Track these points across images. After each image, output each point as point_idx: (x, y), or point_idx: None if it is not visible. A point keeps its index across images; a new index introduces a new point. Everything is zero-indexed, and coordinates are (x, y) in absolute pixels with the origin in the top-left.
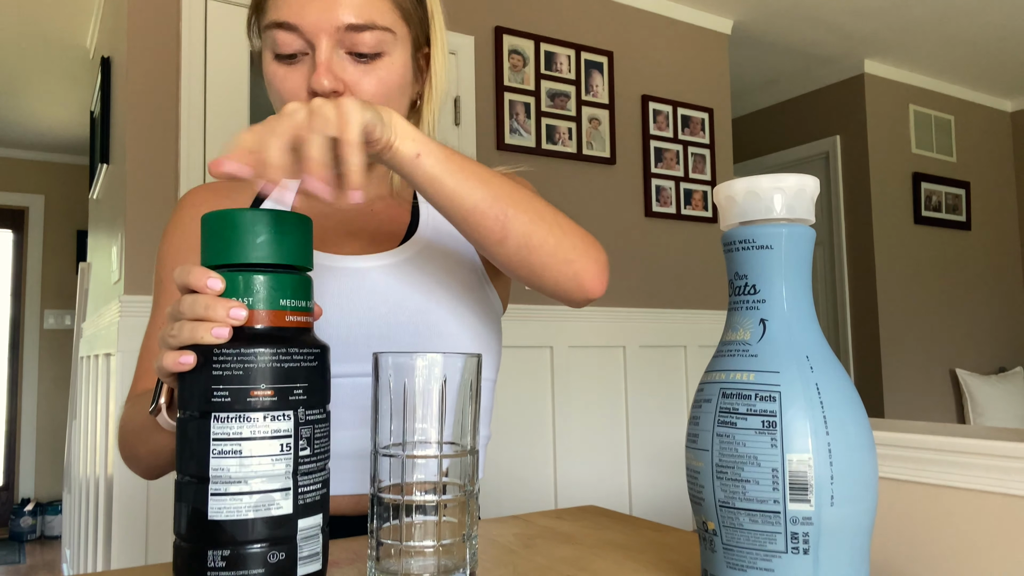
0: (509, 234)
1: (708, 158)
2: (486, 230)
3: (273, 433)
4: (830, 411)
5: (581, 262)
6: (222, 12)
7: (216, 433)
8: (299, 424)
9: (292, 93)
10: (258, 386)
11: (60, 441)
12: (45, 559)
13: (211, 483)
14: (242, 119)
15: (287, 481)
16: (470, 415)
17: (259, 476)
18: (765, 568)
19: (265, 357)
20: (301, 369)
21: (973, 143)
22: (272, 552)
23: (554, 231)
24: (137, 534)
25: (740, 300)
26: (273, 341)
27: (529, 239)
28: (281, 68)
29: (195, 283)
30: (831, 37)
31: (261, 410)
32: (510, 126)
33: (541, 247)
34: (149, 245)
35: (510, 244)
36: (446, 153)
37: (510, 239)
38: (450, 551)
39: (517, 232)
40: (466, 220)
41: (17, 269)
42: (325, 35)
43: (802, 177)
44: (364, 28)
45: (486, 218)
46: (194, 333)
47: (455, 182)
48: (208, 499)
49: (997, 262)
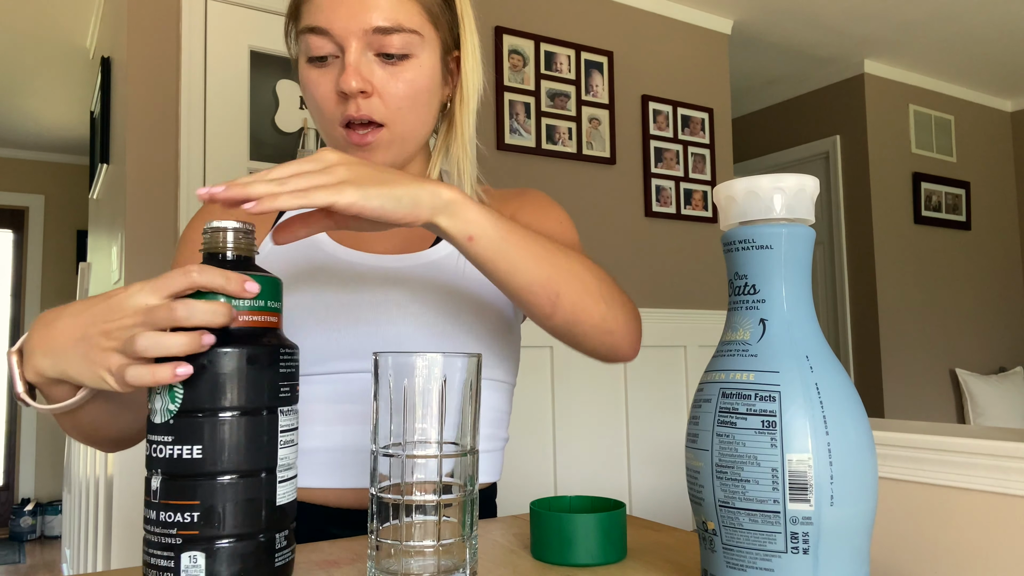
0: (558, 310)
1: (708, 158)
2: (537, 307)
3: (297, 422)
4: (830, 411)
5: (620, 332)
6: (222, 12)
7: (283, 426)
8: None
9: (323, 97)
10: (296, 381)
11: (60, 441)
12: (45, 559)
13: (278, 472)
14: (242, 119)
15: (298, 463)
16: (470, 415)
17: (295, 462)
18: (765, 568)
19: (296, 354)
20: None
21: (973, 143)
22: (294, 525)
23: (599, 305)
24: (137, 534)
25: (740, 300)
26: (283, 339)
27: (577, 315)
28: (314, 72)
29: (232, 288)
30: (831, 37)
31: (296, 402)
32: (510, 126)
33: (587, 321)
34: (149, 245)
35: (558, 319)
36: (500, 233)
37: (559, 315)
38: (450, 551)
39: (566, 309)
40: (518, 295)
41: (17, 269)
42: (354, 38)
43: (802, 177)
44: (391, 30)
45: (538, 297)
46: (188, 345)
47: (508, 264)
48: (276, 487)
49: (997, 262)
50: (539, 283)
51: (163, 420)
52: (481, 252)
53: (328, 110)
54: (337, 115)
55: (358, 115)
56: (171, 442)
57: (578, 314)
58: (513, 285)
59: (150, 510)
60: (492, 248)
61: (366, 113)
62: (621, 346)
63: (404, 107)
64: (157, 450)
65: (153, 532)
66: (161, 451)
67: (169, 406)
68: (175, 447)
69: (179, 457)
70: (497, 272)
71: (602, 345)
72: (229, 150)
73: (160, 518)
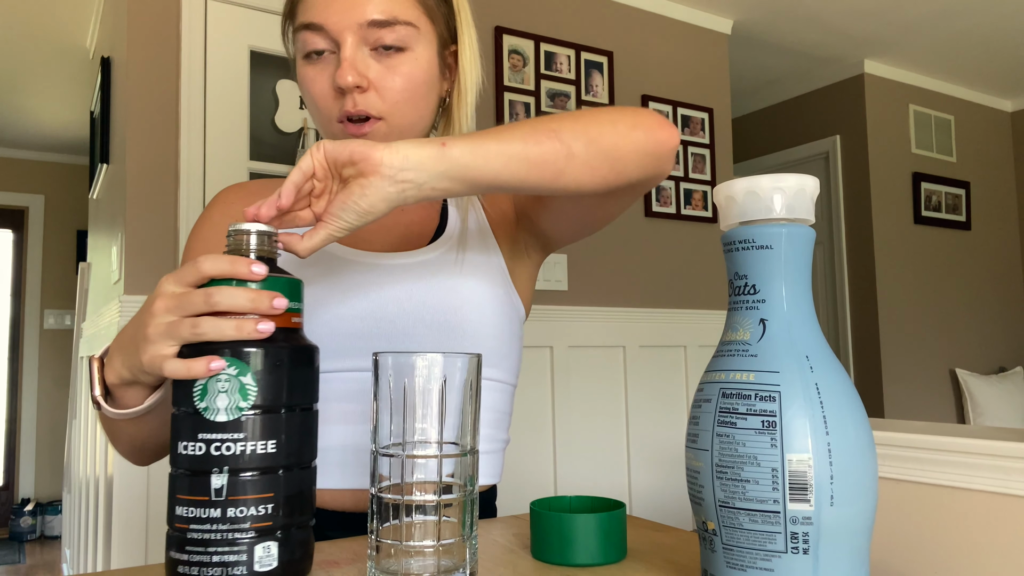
0: (569, 144)
1: (708, 158)
2: (552, 155)
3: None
4: (830, 411)
5: (642, 120)
6: (222, 12)
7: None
8: None
9: (320, 93)
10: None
11: (60, 441)
12: (45, 559)
13: (318, 464)
14: (242, 119)
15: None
16: (470, 415)
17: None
18: (765, 568)
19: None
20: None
21: (973, 143)
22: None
23: (599, 115)
24: (137, 534)
25: (740, 300)
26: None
27: (587, 134)
28: (311, 69)
29: (240, 270)
30: (831, 37)
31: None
32: None
33: (601, 135)
34: (149, 245)
35: (577, 152)
36: (466, 135)
37: (574, 148)
38: (450, 551)
39: (572, 137)
40: (527, 160)
41: (17, 269)
42: (349, 32)
43: (802, 177)
44: (387, 23)
45: (541, 144)
46: (240, 330)
47: (497, 145)
48: (315, 479)
49: (997, 262)
50: (532, 136)
51: (231, 418)
52: (459, 153)
53: (325, 106)
54: (335, 111)
55: (355, 110)
56: (242, 439)
57: (588, 133)
58: (514, 157)
59: (209, 508)
60: (468, 141)
61: (363, 108)
62: (657, 131)
63: (401, 100)
64: (222, 448)
65: (216, 530)
66: (229, 448)
67: (239, 403)
68: (247, 443)
69: (252, 453)
70: (490, 158)
71: (641, 142)
72: (229, 150)
73: (228, 514)
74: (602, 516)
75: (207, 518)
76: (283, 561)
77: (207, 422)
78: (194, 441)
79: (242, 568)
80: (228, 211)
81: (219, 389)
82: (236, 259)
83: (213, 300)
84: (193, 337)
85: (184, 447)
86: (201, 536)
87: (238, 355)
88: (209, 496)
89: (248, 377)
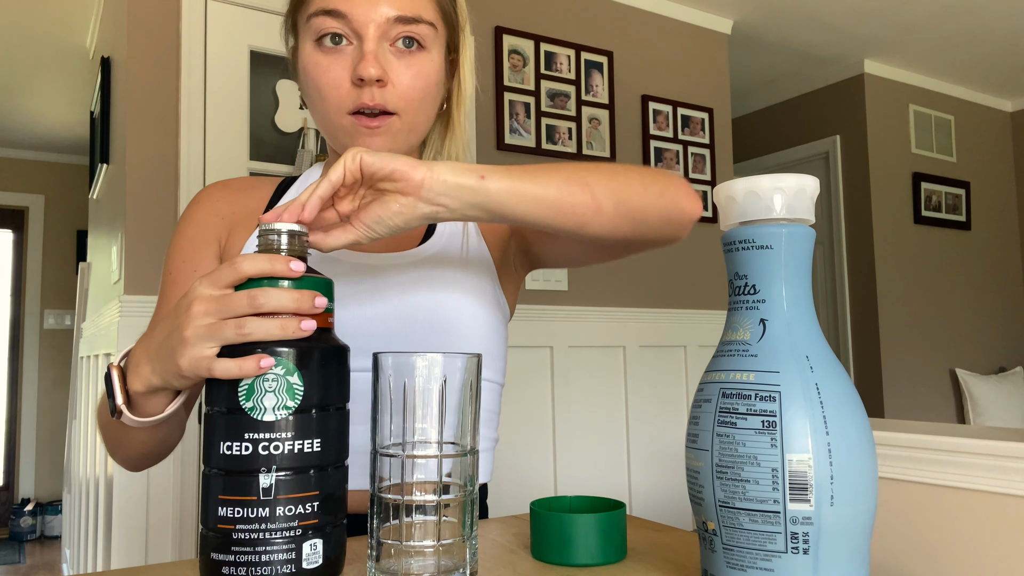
0: (600, 200)
1: (708, 158)
2: (581, 207)
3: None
4: (830, 411)
5: (671, 187)
6: (222, 12)
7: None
8: None
9: (333, 83)
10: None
11: (60, 441)
12: (45, 559)
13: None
14: (242, 119)
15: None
16: (470, 415)
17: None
18: (765, 568)
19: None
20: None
21: (973, 143)
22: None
23: (632, 176)
24: (137, 534)
25: (740, 300)
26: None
27: (618, 194)
28: (324, 58)
29: (279, 268)
30: (831, 37)
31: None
32: (510, 126)
33: (631, 196)
34: (149, 245)
35: (606, 210)
36: (503, 170)
37: (604, 205)
38: (450, 551)
39: (605, 194)
40: (558, 208)
41: (17, 269)
42: (374, 25)
43: (802, 177)
44: (411, 21)
45: (574, 196)
46: (284, 329)
47: (532, 186)
48: (347, 477)
49: (997, 262)
50: (567, 184)
51: (279, 417)
52: (496, 188)
53: (336, 97)
54: (348, 102)
55: (373, 103)
56: (291, 438)
57: (618, 192)
58: (546, 200)
59: (257, 508)
60: (505, 178)
61: (380, 102)
62: (683, 201)
63: (416, 99)
64: (271, 447)
65: (264, 529)
66: (278, 447)
67: (287, 403)
68: (295, 442)
69: (300, 451)
70: (525, 200)
71: (665, 209)
72: (229, 150)
73: (277, 513)
74: (602, 516)
75: (255, 517)
76: (327, 558)
77: (254, 421)
78: (240, 441)
79: (291, 566)
80: (214, 209)
81: (266, 388)
82: (274, 257)
83: (258, 302)
84: (238, 338)
85: (228, 447)
86: (248, 536)
87: (284, 354)
88: (257, 495)
89: (295, 376)
